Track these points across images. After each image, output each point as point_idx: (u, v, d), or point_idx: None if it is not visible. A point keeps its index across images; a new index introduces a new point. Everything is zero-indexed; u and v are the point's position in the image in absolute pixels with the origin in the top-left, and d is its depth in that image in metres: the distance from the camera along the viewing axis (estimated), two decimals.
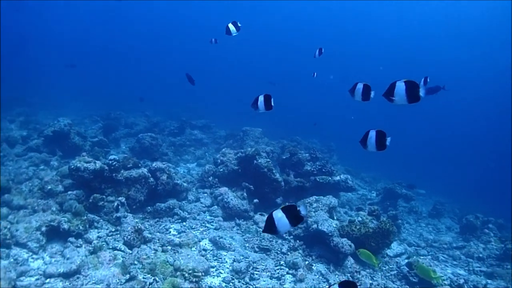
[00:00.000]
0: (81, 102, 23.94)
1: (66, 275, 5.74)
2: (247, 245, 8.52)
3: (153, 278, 5.94)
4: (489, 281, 9.64)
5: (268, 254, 8.33)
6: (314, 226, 8.73)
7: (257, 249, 8.43)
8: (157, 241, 7.42)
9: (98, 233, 7.33)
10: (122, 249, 6.83)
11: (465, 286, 8.67)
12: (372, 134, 4.66)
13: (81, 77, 32.13)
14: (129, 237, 7.02)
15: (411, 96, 4.21)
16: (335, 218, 9.81)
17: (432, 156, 35.01)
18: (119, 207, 8.14)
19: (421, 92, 4.17)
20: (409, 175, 22.52)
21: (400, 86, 4.24)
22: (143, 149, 13.91)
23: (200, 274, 6.31)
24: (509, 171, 29.48)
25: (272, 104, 5.34)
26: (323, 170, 11.69)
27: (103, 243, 6.86)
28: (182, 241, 7.30)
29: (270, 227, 3.67)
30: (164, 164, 9.83)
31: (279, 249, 8.59)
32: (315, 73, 12.23)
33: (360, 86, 5.21)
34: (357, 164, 21.25)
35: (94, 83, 31.68)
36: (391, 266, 9.43)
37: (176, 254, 6.87)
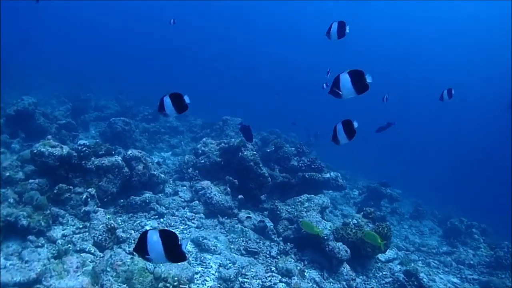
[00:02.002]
0: (51, 82, 22.41)
1: (23, 285, 4.68)
2: (232, 246, 7.60)
3: None
4: None
5: (257, 258, 7.45)
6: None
7: (244, 252, 7.53)
8: (133, 241, 6.41)
9: (63, 230, 6.25)
10: (92, 251, 5.78)
11: None
12: (339, 126, 4.41)
13: (51, 57, 30.39)
14: (100, 237, 5.98)
15: (358, 86, 3.89)
16: (324, 218, 9.01)
17: (409, 158, 34.90)
18: (88, 199, 7.05)
19: (368, 79, 3.83)
20: (385, 174, 22.16)
21: (345, 78, 3.90)
22: (114, 135, 12.75)
23: (185, 283, 5.34)
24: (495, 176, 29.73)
25: (187, 102, 4.28)
26: (312, 166, 10.85)
27: (69, 245, 5.79)
28: None
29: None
30: (140, 153, 8.76)
31: (268, 252, 7.72)
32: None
33: (334, 24, 5.61)
34: (333, 161, 20.59)
35: (66, 64, 29.88)
36: (384, 273, 8.71)
37: None
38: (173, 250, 3.05)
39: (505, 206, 22.75)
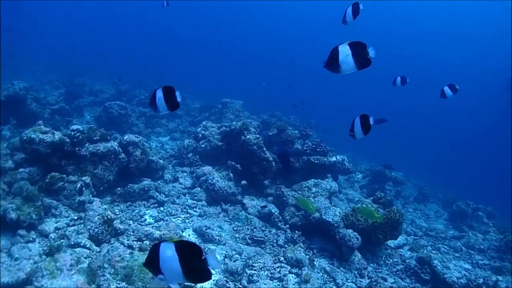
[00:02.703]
0: (44, 68, 21.79)
1: (12, 287, 4.24)
2: (237, 235, 7.18)
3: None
4: (499, 277, 8.67)
5: (263, 248, 7.04)
6: (317, 214, 7.47)
7: (249, 241, 7.11)
8: (131, 233, 5.95)
9: (57, 223, 5.81)
10: (88, 245, 5.33)
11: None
12: (357, 120, 4.29)
13: (46, 44, 29.65)
14: (96, 229, 5.52)
15: (359, 60, 3.48)
16: (332, 204, 8.59)
17: (409, 141, 34.54)
18: (83, 189, 6.60)
19: (371, 53, 3.44)
20: (385, 157, 21.85)
21: (344, 50, 3.47)
22: (110, 119, 12.24)
23: None
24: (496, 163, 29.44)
25: (179, 99, 3.80)
26: (318, 149, 10.40)
27: (62, 239, 5.34)
28: (163, 234, 5.81)
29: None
30: (138, 137, 8.25)
31: (275, 241, 7.30)
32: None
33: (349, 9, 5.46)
34: (334, 143, 20.15)
35: (62, 51, 29.16)
36: (395, 260, 8.35)
37: None
38: (194, 267, 2.44)
39: (507, 189, 22.45)
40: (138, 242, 5.67)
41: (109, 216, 5.70)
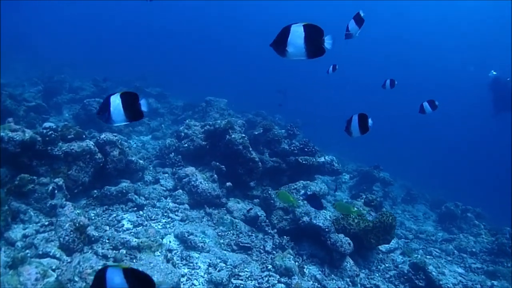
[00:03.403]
0: (26, 65, 21.04)
1: None
2: (222, 241, 6.73)
3: None
4: (494, 282, 8.38)
5: (250, 254, 6.60)
6: (306, 218, 7.05)
7: (235, 247, 6.66)
8: (107, 241, 5.44)
9: (25, 229, 5.27)
10: (57, 255, 4.81)
11: None
12: (355, 118, 4.22)
13: (30, 40, 28.82)
14: (66, 238, 5.00)
15: (312, 47, 3.01)
16: None
17: (394, 142, 34.38)
18: (55, 191, 6.06)
19: (327, 44, 2.99)
20: (370, 157, 21.63)
21: (297, 31, 2.99)
22: (89, 117, 11.64)
23: None
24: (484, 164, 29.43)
25: (144, 108, 3.32)
26: (305, 149, 9.99)
27: (27, 250, 4.81)
28: (141, 242, 5.31)
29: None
30: (115, 136, 7.73)
31: (262, 247, 6.87)
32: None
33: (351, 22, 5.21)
34: (319, 143, 19.81)
35: (44, 47, 28.32)
36: (387, 265, 8.00)
37: (134, 262, 4.94)
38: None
39: (494, 190, 22.40)
40: (114, 251, 5.17)
41: (81, 223, 5.17)
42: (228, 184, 8.25)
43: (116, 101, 3.22)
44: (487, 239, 11.10)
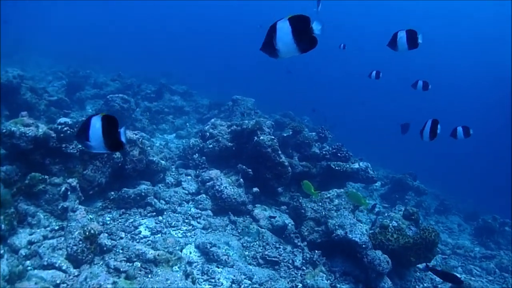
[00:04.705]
0: (52, 59, 20.98)
1: None
2: (247, 253, 6.13)
3: None
4: None
5: (277, 270, 5.97)
6: (340, 232, 6.39)
7: (261, 261, 6.05)
8: (121, 251, 4.88)
9: (31, 235, 4.77)
10: (64, 267, 4.27)
11: None
12: (429, 123, 4.51)
13: (56, 36, 29.04)
14: (75, 247, 4.45)
15: (302, 40, 2.77)
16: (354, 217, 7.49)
17: (420, 148, 33.47)
18: (68, 193, 5.56)
19: (316, 29, 2.73)
20: (397, 163, 20.87)
21: (283, 28, 2.77)
22: (112, 113, 11.18)
23: None
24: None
25: (123, 139, 3.07)
26: (338, 154, 9.32)
27: (29, 260, 4.29)
28: (158, 255, 4.72)
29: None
30: (136, 135, 7.23)
31: (291, 261, 6.23)
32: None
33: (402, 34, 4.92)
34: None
35: (70, 43, 28.42)
36: (426, 285, 7.25)
37: (149, 277, 4.37)
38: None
39: None
40: (127, 264, 4.61)
41: (92, 231, 4.61)
42: (255, 189, 7.65)
43: (96, 124, 2.93)
44: None
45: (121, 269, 4.43)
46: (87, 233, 4.55)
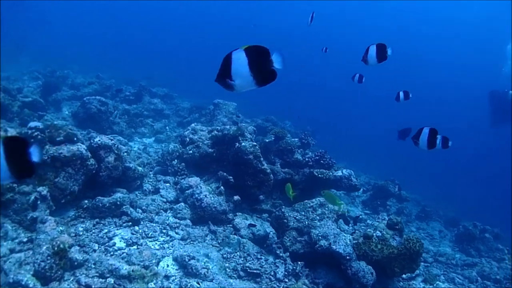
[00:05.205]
0: (31, 58, 20.37)
1: None
2: (227, 265, 5.88)
3: None
4: None
5: (259, 282, 5.74)
6: (324, 243, 6.20)
7: (242, 274, 5.81)
8: (93, 266, 4.59)
9: None
10: (31, 285, 3.95)
11: None
12: (426, 131, 4.43)
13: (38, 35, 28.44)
14: (42, 263, 4.13)
15: (260, 72, 2.58)
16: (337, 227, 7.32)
17: (401, 153, 33.68)
18: (38, 202, 5.25)
19: (277, 63, 2.57)
20: (379, 168, 20.83)
21: (239, 59, 2.58)
22: (89, 116, 10.85)
23: None
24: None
25: (35, 159, 2.68)
26: (321, 161, 9.15)
27: None
28: (132, 271, 4.44)
29: None
30: (112, 140, 6.90)
31: (272, 273, 6.01)
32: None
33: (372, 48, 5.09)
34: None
35: (51, 42, 27.86)
36: None
37: None
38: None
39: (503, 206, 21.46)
40: (100, 280, 4.32)
41: (61, 246, 4.30)
42: (236, 198, 7.43)
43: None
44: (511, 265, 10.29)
45: (93, 286, 4.15)
46: (55, 248, 4.24)
